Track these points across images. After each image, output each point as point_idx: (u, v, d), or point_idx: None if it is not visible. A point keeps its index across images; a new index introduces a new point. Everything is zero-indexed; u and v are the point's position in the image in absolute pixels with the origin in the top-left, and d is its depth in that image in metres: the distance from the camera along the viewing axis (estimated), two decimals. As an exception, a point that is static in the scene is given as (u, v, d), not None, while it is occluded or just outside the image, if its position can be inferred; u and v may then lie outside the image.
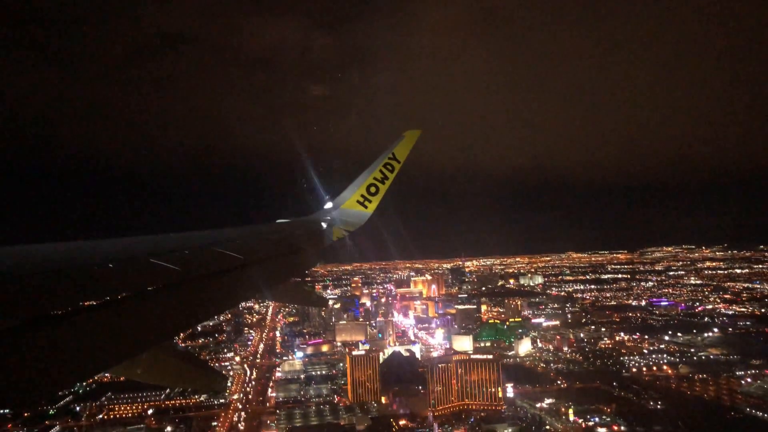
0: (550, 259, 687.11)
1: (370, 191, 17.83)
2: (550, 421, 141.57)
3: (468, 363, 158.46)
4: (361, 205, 17.70)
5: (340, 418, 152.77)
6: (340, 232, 16.11)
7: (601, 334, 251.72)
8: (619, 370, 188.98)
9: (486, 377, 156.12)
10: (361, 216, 17.61)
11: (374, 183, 17.82)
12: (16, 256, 6.40)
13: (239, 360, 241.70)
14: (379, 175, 17.82)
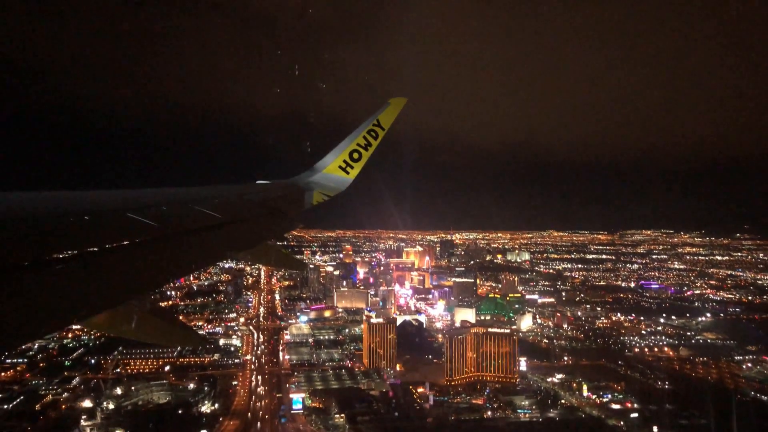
0: (532, 236, 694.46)
1: (353, 157, 17.70)
2: (564, 396, 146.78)
3: (485, 336, 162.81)
4: (343, 170, 17.57)
5: (359, 383, 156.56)
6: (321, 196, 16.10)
7: (597, 314, 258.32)
8: (621, 350, 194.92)
9: (501, 351, 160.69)
10: (342, 182, 17.47)
11: (357, 149, 17.66)
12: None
13: (243, 321, 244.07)
14: (363, 141, 17.63)
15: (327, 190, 16.59)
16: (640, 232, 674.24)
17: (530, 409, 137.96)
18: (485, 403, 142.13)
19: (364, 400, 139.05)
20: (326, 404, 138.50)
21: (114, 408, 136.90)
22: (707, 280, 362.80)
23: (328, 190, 16.62)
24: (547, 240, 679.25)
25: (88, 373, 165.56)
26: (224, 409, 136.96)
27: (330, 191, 16.70)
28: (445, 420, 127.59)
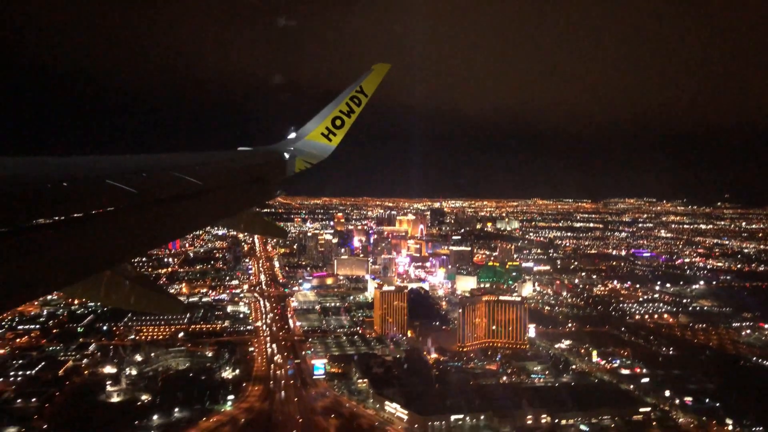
0: (518, 204, 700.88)
1: (336, 124, 17.51)
2: (575, 362, 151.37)
3: (496, 304, 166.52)
4: (326, 137, 17.43)
5: (374, 349, 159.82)
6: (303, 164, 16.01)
7: (594, 281, 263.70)
8: (622, 317, 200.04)
9: (511, 318, 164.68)
10: (324, 149, 17.34)
11: (340, 116, 17.50)
12: None
13: (247, 288, 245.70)
14: (345, 108, 17.48)
15: (309, 158, 16.47)
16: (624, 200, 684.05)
17: (543, 375, 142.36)
18: (498, 369, 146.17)
19: (381, 365, 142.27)
20: (345, 370, 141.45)
21: (137, 374, 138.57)
22: (695, 248, 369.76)
23: (310, 158, 16.51)
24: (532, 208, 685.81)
25: (102, 339, 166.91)
26: (245, 375, 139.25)
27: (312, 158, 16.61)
28: (464, 385, 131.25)
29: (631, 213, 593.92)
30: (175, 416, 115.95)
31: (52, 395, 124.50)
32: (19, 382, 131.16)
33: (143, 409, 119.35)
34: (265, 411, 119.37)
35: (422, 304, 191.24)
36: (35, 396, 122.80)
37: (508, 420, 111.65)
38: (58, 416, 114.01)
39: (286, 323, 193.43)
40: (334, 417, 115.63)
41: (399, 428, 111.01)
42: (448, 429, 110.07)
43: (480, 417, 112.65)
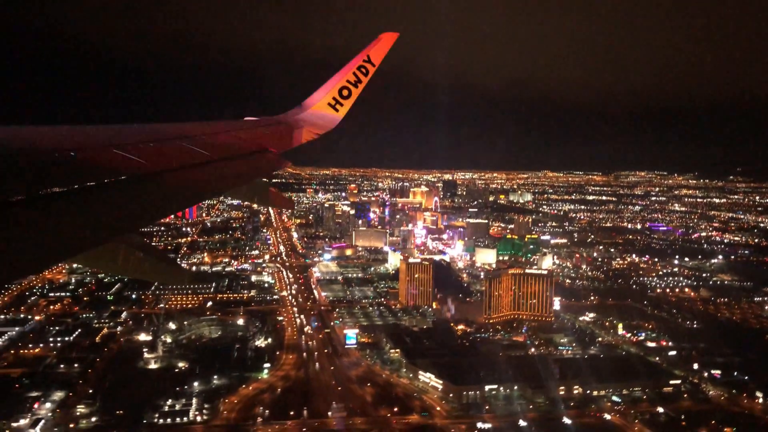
0: (528, 176, 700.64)
1: (342, 94, 17.23)
2: (600, 334, 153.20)
3: (522, 276, 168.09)
4: (332, 108, 17.19)
5: (400, 320, 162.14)
6: (310, 134, 15.74)
7: (612, 255, 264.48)
8: (643, 290, 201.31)
9: (537, 290, 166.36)
10: (331, 119, 17.12)
11: (347, 86, 17.22)
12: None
13: (268, 259, 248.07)
14: (353, 77, 17.21)
15: (316, 128, 16.23)
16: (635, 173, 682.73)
17: (570, 347, 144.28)
18: (526, 341, 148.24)
19: (411, 336, 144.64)
20: (375, 340, 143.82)
21: (171, 342, 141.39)
22: (710, 222, 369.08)
23: (317, 128, 16.26)
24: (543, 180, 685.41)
25: (133, 307, 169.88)
26: (278, 344, 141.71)
27: (319, 129, 16.35)
28: (494, 356, 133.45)
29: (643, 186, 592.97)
30: (214, 383, 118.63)
31: (93, 361, 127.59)
32: (59, 349, 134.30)
33: (182, 376, 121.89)
34: (301, 379, 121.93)
35: (445, 277, 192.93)
36: (77, 362, 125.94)
37: (541, 391, 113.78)
38: (101, 382, 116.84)
39: (311, 293, 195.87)
40: (370, 385, 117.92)
41: (434, 398, 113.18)
42: (482, 399, 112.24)
43: (513, 388, 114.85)
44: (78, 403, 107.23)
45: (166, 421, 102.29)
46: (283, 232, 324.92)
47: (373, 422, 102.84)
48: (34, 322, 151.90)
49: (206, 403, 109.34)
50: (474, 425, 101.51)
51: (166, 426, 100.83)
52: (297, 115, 16.60)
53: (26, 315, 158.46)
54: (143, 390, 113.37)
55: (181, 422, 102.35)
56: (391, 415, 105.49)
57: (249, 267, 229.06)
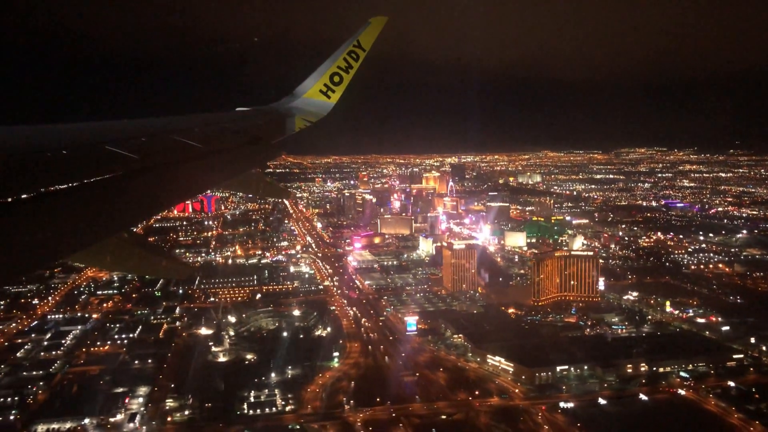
0: (529, 157, 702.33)
1: (334, 81, 17.19)
2: (648, 312, 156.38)
3: (568, 258, 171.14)
4: (324, 95, 17.13)
5: (450, 305, 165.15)
6: (302, 122, 15.70)
7: (636, 233, 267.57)
8: (677, 267, 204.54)
9: (583, 272, 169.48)
10: (323, 106, 17.08)
11: (338, 72, 17.16)
12: None
13: (300, 249, 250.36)
14: (343, 63, 17.13)
15: (309, 116, 16.24)
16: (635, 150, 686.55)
17: (623, 326, 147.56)
18: (578, 322, 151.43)
19: (467, 320, 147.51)
20: (432, 326, 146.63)
21: (234, 334, 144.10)
22: (724, 197, 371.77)
23: (309, 116, 16.27)
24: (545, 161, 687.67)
25: (185, 302, 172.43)
26: (338, 333, 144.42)
27: (312, 116, 16.34)
28: (554, 337, 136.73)
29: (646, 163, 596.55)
30: (289, 374, 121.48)
31: (164, 356, 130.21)
32: (127, 345, 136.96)
33: (254, 368, 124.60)
34: (372, 366, 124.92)
35: (484, 261, 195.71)
36: (149, 358, 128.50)
37: (611, 369, 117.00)
38: (178, 376, 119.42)
39: (353, 282, 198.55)
40: (442, 370, 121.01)
41: (508, 380, 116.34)
42: (554, 380, 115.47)
43: (583, 367, 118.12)
44: (164, 398, 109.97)
45: (255, 412, 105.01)
46: (305, 222, 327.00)
47: (456, 406, 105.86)
48: (93, 321, 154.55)
49: (288, 393, 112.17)
50: (556, 405, 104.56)
51: (257, 417, 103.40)
52: (289, 104, 16.70)
53: (83, 313, 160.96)
54: (222, 382, 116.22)
55: (270, 412, 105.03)
56: (472, 398, 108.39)
57: (283, 258, 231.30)
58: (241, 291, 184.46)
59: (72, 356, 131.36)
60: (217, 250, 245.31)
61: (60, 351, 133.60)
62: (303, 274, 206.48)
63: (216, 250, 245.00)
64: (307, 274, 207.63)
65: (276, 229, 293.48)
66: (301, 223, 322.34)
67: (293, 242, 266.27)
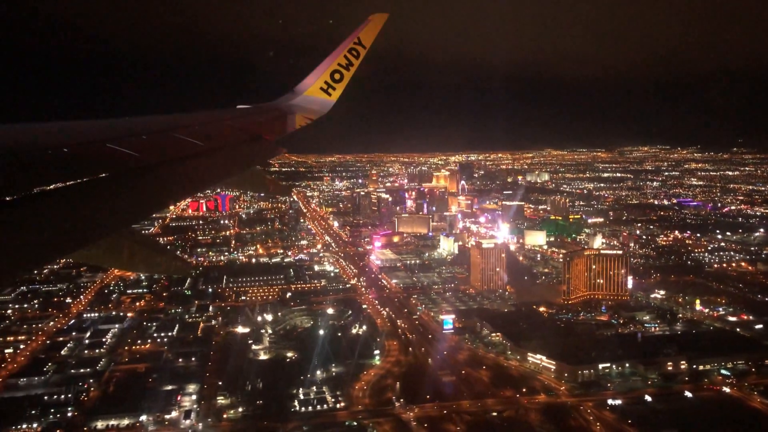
0: (533, 155, 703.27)
1: (334, 78, 17.19)
2: (679, 310, 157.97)
3: (598, 257, 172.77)
4: (325, 92, 17.14)
5: (481, 304, 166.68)
6: (303, 120, 15.73)
7: (653, 231, 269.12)
8: (700, 265, 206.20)
9: (613, 270, 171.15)
10: (324, 104, 17.08)
11: (338, 69, 17.16)
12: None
13: (320, 248, 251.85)
14: (344, 61, 17.14)
15: (309, 113, 16.25)
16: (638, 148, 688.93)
17: (656, 324, 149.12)
18: (610, 320, 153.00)
19: (501, 318, 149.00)
20: (466, 324, 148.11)
21: (271, 332, 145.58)
22: (735, 196, 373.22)
23: (310, 113, 16.28)
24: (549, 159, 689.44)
25: (216, 301, 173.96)
26: (374, 331, 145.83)
27: (312, 114, 16.36)
28: (591, 335, 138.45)
29: (651, 161, 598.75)
30: (333, 371, 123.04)
31: (207, 354, 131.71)
32: (168, 344, 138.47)
33: (297, 366, 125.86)
34: (414, 364, 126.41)
35: (508, 260, 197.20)
36: (192, 356, 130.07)
37: (652, 367, 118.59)
38: (224, 373, 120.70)
39: (379, 281, 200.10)
40: (484, 368, 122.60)
41: (551, 378, 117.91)
42: (597, 377, 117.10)
43: (625, 365, 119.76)
44: (215, 395, 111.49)
45: (307, 409, 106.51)
46: (320, 221, 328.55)
47: (505, 403, 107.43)
48: (129, 319, 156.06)
49: (336, 390, 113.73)
50: (603, 402, 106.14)
51: (310, 414, 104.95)
52: (289, 101, 16.72)
53: (117, 312, 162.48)
54: (270, 380, 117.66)
55: (322, 409, 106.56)
56: (520, 395, 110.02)
57: (306, 257, 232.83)
58: (270, 290, 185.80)
59: (115, 354, 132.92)
60: (239, 249, 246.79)
61: (103, 349, 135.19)
62: (328, 273, 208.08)
63: (237, 249, 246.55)
64: (332, 272, 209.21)
65: (293, 228, 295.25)
66: (317, 222, 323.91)
67: (312, 241, 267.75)
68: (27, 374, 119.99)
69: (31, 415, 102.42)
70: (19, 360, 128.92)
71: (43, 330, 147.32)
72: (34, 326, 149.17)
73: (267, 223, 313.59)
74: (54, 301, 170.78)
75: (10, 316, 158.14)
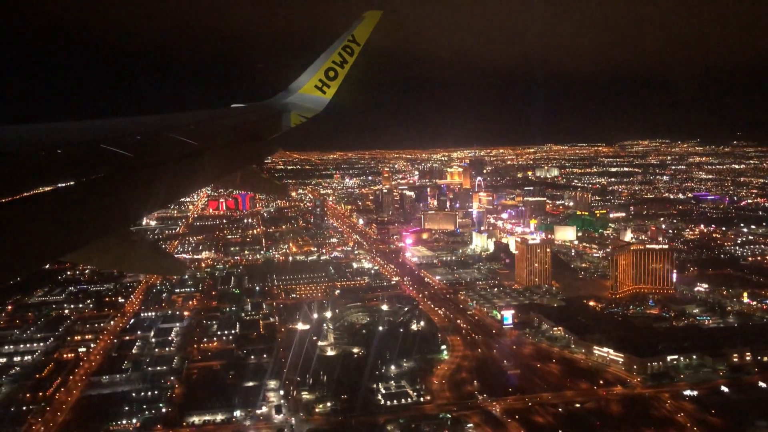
0: (535, 150, 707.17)
1: (329, 76, 17.17)
2: (727, 303, 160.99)
3: (644, 252, 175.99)
4: (320, 90, 17.13)
5: (530, 299, 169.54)
6: (298, 118, 15.68)
7: (677, 226, 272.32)
8: (734, 259, 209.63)
9: (658, 265, 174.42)
10: (319, 102, 17.04)
11: (333, 67, 17.14)
12: None
13: (352, 246, 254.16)
14: (338, 58, 17.13)
15: (304, 112, 16.21)
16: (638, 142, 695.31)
17: (708, 317, 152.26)
18: (661, 313, 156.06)
19: (556, 313, 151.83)
20: (522, 319, 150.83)
21: (333, 329, 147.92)
22: (749, 189, 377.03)
23: (305, 111, 16.25)
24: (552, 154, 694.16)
25: (268, 299, 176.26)
26: (433, 327, 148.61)
27: (307, 112, 16.32)
28: (649, 328, 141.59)
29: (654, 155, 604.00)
30: (404, 366, 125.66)
31: (275, 351, 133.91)
32: (234, 341, 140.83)
33: (367, 361, 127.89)
34: (482, 358, 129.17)
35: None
36: (261, 353, 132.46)
37: (719, 359, 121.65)
38: (298, 369, 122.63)
39: (421, 277, 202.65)
40: (554, 362, 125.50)
41: (621, 370, 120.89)
42: (666, 369, 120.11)
43: (692, 357, 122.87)
44: (297, 390, 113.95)
45: (392, 402, 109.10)
46: (343, 219, 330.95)
47: (584, 395, 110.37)
48: (187, 318, 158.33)
49: (415, 384, 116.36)
50: (679, 393, 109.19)
51: (397, 407, 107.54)
52: (284, 100, 16.70)
53: (173, 311, 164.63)
54: (345, 375, 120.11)
55: (407, 402, 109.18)
56: (597, 387, 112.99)
57: (341, 255, 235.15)
58: (316, 287, 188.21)
59: (185, 352, 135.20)
60: (271, 248, 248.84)
61: (172, 347, 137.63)
62: (368, 270, 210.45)
63: (270, 248, 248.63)
64: (372, 270, 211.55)
65: (319, 226, 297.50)
66: (341, 220, 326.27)
67: (342, 239, 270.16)
68: (107, 372, 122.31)
69: (126, 411, 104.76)
70: (94, 359, 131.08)
71: (107, 329, 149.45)
72: (96, 326, 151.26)
73: (291, 221, 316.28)
74: (106, 301, 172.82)
75: (69, 316, 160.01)
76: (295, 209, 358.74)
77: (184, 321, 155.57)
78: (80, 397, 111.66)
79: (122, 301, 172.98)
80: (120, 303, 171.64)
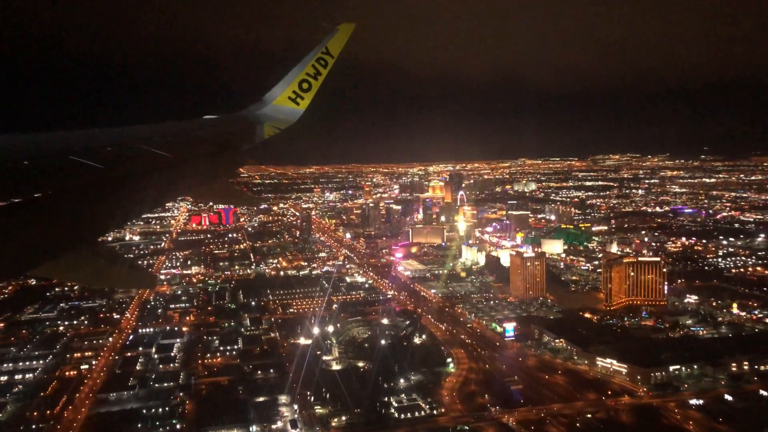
0: (509, 165, 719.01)
1: (302, 87, 17.16)
2: (717, 314, 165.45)
3: (636, 264, 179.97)
4: (293, 101, 17.13)
5: (527, 311, 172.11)
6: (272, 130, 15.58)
7: (659, 239, 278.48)
8: (718, 270, 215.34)
9: (650, 277, 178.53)
10: (292, 113, 16.98)
11: (306, 79, 17.14)
12: None
13: (342, 260, 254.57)
14: (312, 70, 17.16)
15: (278, 123, 16.18)
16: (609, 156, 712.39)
17: (701, 327, 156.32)
18: (656, 324, 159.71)
19: (555, 324, 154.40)
20: (522, 331, 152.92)
21: (336, 343, 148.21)
22: (722, 202, 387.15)
23: (278, 123, 16.21)
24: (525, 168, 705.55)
25: (266, 314, 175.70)
26: (435, 340, 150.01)
27: (281, 124, 16.27)
28: (647, 339, 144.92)
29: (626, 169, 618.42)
30: (412, 379, 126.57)
31: (281, 366, 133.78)
32: (239, 356, 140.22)
33: (374, 375, 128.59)
34: (488, 370, 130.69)
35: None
36: (268, 368, 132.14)
37: (719, 368, 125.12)
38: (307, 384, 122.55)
39: (416, 291, 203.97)
40: (560, 373, 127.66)
41: (625, 380, 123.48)
42: (669, 379, 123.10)
43: (693, 366, 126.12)
44: (309, 405, 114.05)
45: (406, 415, 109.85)
46: (329, 233, 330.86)
47: (593, 405, 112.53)
48: (187, 334, 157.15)
49: (426, 397, 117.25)
50: (684, 402, 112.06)
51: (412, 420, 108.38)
52: (257, 111, 16.69)
53: (171, 327, 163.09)
54: (354, 389, 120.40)
55: (421, 416, 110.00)
56: (604, 397, 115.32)
57: (332, 269, 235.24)
58: (312, 302, 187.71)
59: (190, 368, 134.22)
60: (261, 262, 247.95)
61: (176, 363, 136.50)
62: (362, 285, 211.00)
63: (259, 262, 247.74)
64: (366, 284, 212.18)
65: (306, 241, 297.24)
66: (327, 234, 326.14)
67: (331, 253, 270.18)
68: (114, 389, 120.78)
69: (140, 428, 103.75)
70: (98, 375, 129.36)
71: (106, 346, 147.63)
72: (95, 342, 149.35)
73: (276, 236, 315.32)
74: (101, 317, 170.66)
75: (65, 333, 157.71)
76: (279, 224, 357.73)
77: (184, 337, 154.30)
78: (89, 414, 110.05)
79: (117, 317, 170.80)
80: (115, 319, 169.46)
